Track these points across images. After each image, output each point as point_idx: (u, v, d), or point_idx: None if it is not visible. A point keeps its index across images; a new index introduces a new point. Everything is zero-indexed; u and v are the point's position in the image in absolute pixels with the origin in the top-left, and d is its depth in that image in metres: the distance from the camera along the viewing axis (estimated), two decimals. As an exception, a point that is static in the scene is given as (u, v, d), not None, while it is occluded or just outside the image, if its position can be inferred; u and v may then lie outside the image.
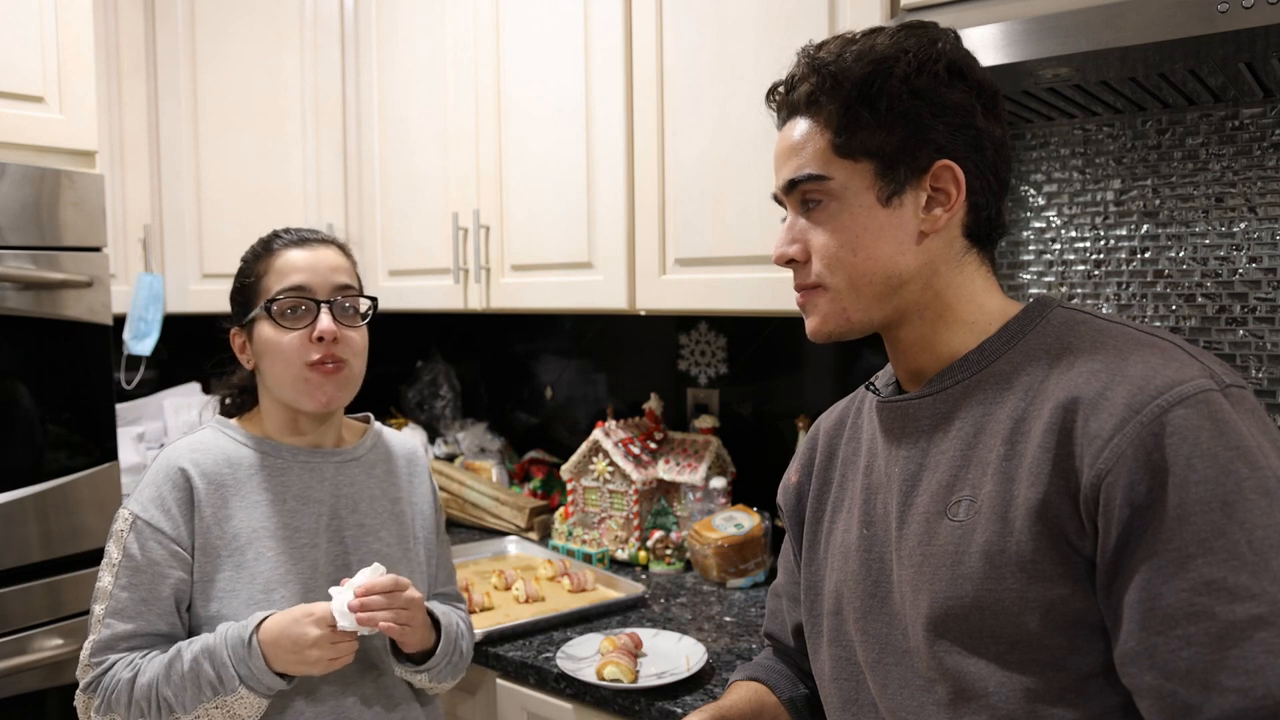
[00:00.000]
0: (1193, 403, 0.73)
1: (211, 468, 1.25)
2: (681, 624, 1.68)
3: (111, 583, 1.20)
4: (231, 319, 1.33)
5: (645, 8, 1.80)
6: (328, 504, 1.29)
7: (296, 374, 1.24)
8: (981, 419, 0.85)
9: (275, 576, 1.22)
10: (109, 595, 1.20)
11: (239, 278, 1.32)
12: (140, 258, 2.50)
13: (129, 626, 1.19)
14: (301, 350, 1.24)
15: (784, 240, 0.92)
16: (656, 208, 1.81)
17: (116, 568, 1.20)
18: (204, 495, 1.23)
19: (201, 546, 1.22)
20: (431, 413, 2.82)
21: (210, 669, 1.14)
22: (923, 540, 0.86)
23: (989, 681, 0.80)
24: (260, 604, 1.21)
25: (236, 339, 1.32)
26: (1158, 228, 1.54)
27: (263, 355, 1.27)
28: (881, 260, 0.87)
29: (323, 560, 1.27)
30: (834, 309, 0.90)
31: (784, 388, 2.09)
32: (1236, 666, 0.68)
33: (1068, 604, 0.77)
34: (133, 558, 1.20)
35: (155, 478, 1.24)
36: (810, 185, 0.88)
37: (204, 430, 1.31)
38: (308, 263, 1.27)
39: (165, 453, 1.27)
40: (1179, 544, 0.71)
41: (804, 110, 0.89)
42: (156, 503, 1.22)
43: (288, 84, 2.47)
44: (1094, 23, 1.12)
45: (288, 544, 1.24)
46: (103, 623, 1.19)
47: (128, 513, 1.22)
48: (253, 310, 1.27)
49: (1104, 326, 0.84)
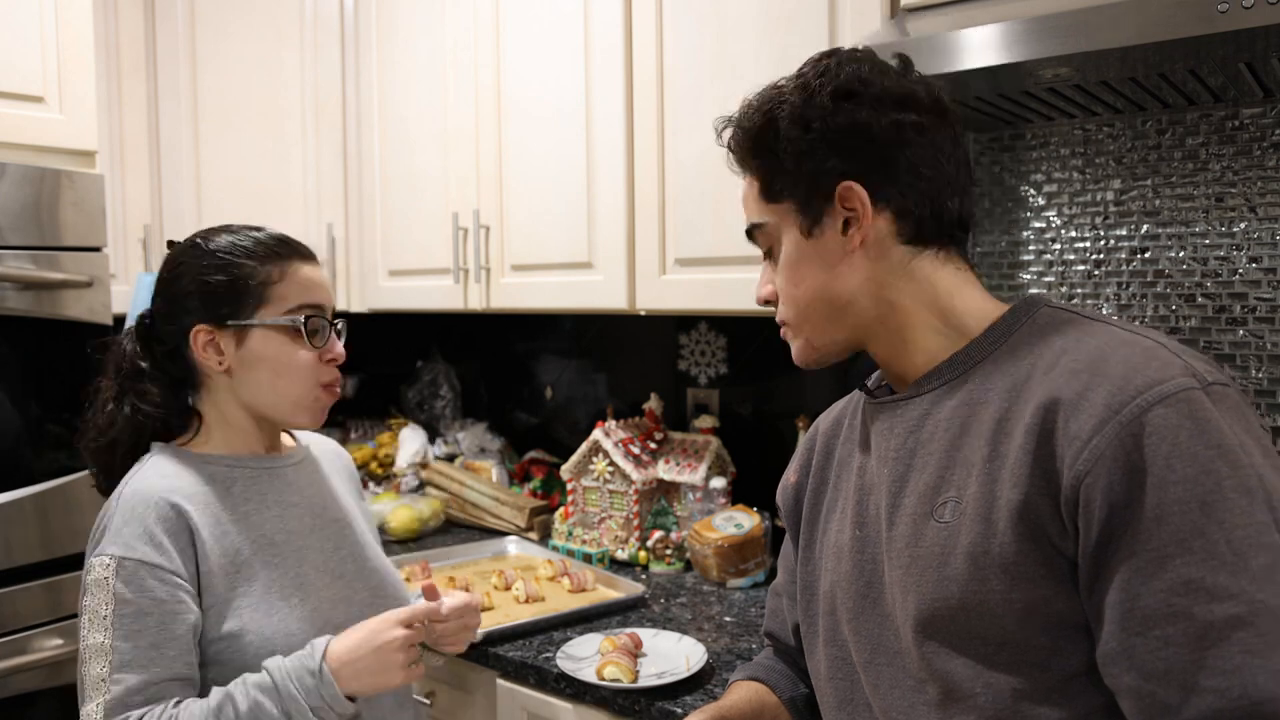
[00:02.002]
0: (1173, 402, 0.73)
1: (194, 491, 1.17)
2: (681, 624, 1.68)
3: (108, 637, 1.08)
4: (197, 315, 1.19)
5: (645, 8, 1.80)
6: (303, 506, 1.27)
7: (305, 392, 1.21)
8: (966, 419, 0.85)
9: (287, 582, 1.20)
10: (109, 650, 1.08)
11: (228, 269, 1.19)
12: (140, 258, 2.50)
13: (143, 677, 1.08)
14: (315, 370, 1.21)
15: (760, 283, 0.99)
16: (656, 208, 1.81)
17: (109, 619, 1.08)
18: (199, 521, 1.15)
19: (207, 572, 1.14)
20: (431, 413, 2.82)
21: (274, 708, 1.07)
22: (910, 541, 0.86)
23: (976, 682, 0.81)
24: (280, 612, 1.17)
25: (200, 337, 1.18)
26: (1158, 228, 1.54)
27: (256, 366, 1.19)
28: (816, 287, 0.92)
29: (318, 560, 1.26)
30: (800, 341, 0.96)
31: (784, 388, 2.09)
32: (1214, 667, 0.68)
33: (1051, 604, 0.77)
34: (129, 603, 1.08)
35: (133, 516, 1.12)
36: (757, 232, 0.96)
37: (157, 460, 1.19)
38: (323, 281, 1.25)
39: (132, 492, 1.14)
40: (1157, 544, 0.71)
41: (738, 164, 0.97)
42: (145, 539, 1.11)
43: (288, 84, 2.47)
44: (1094, 23, 1.12)
45: (286, 549, 1.22)
46: (110, 680, 1.07)
47: (107, 559, 1.09)
48: (250, 313, 1.19)
49: (1088, 325, 0.84)
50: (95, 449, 1.23)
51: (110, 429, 1.22)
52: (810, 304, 0.92)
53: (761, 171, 0.93)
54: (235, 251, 1.20)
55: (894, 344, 0.92)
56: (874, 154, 0.88)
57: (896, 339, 0.92)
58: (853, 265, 0.90)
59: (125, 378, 1.22)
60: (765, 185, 0.93)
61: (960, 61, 1.22)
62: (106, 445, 1.22)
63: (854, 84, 0.88)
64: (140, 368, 1.22)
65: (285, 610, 1.18)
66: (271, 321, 1.19)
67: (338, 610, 1.23)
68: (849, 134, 0.88)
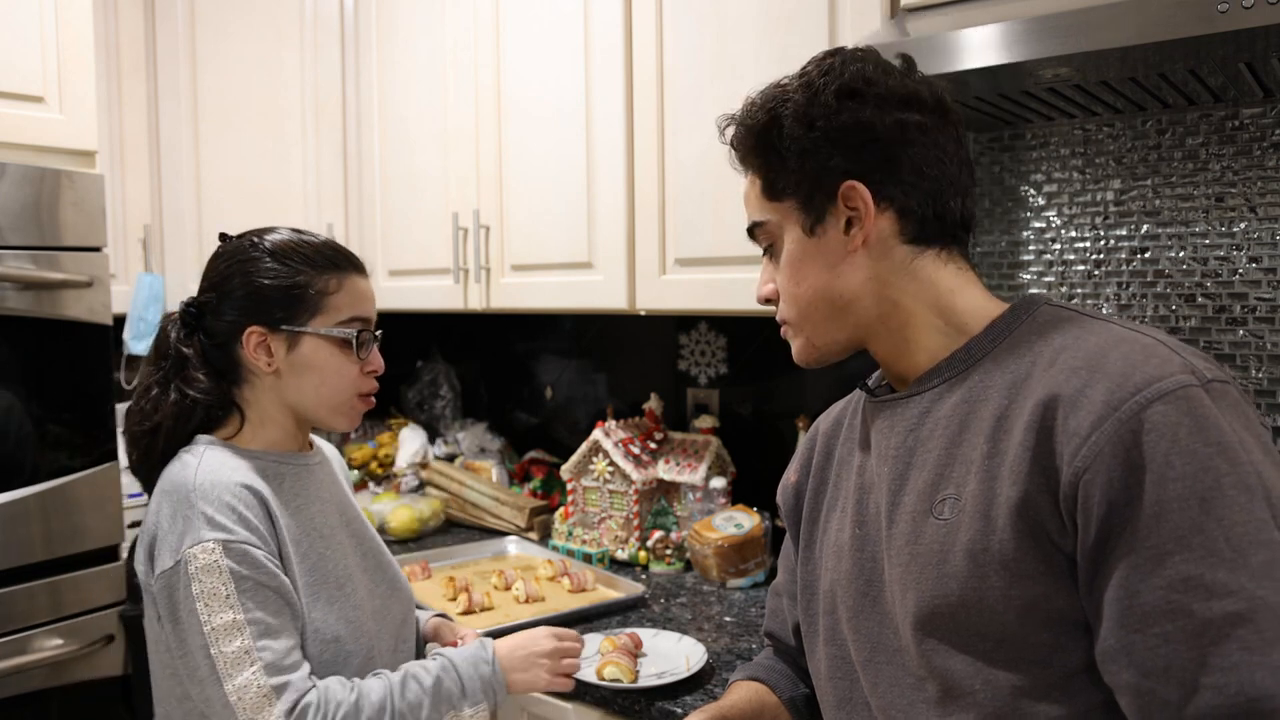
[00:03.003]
0: (1172, 399, 0.73)
1: (256, 480, 1.18)
2: (681, 624, 1.68)
3: (239, 612, 1.08)
4: (251, 315, 1.20)
5: (645, 8, 1.80)
6: (331, 503, 1.30)
7: (345, 400, 1.25)
8: (966, 417, 0.86)
9: (340, 572, 1.24)
10: (245, 624, 1.08)
11: (287, 275, 1.20)
12: (140, 258, 2.50)
13: (288, 642, 1.11)
14: (358, 381, 1.25)
15: (760, 282, 0.99)
16: (656, 208, 1.81)
17: (233, 597, 1.08)
18: (273, 503, 1.17)
19: (286, 556, 1.17)
20: (431, 413, 2.82)
21: (454, 686, 1.19)
22: (910, 539, 0.87)
23: (975, 679, 0.81)
24: (337, 601, 1.20)
25: (253, 338, 1.20)
26: (1158, 228, 1.54)
27: (304, 371, 1.21)
28: (818, 286, 0.92)
29: (353, 555, 1.29)
30: (801, 340, 0.96)
31: (784, 388, 2.09)
32: (1213, 664, 0.68)
33: (1051, 602, 0.77)
34: (248, 579, 1.09)
35: (221, 503, 1.12)
36: (758, 230, 0.96)
37: (212, 452, 1.19)
38: (373, 294, 1.29)
39: (210, 482, 1.13)
40: (1156, 541, 0.71)
41: (740, 162, 0.97)
42: (240, 523, 1.11)
43: (288, 84, 2.47)
44: (1094, 23, 1.12)
45: (331, 542, 1.26)
46: (257, 649, 1.08)
47: (211, 544, 1.09)
48: (305, 321, 1.20)
49: (1088, 323, 0.84)
50: (137, 433, 1.23)
51: (155, 414, 1.21)
52: (812, 303, 0.93)
53: (764, 169, 0.93)
54: (294, 258, 1.21)
55: (895, 343, 0.93)
56: (877, 153, 0.88)
57: (898, 338, 0.92)
58: (855, 265, 0.90)
59: (172, 364, 1.23)
60: (768, 183, 0.93)
61: (960, 61, 1.22)
62: (150, 430, 1.22)
63: (858, 83, 0.88)
64: (185, 355, 1.22)
65: (341, 599, 1.21)
66: (325, 332, 1.21)
67: (374, 601, 1.27)
68: (853, 133, 0.88)
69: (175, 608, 1.09)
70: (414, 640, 1.37)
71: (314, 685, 1.11)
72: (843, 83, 0.88)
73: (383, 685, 1.15)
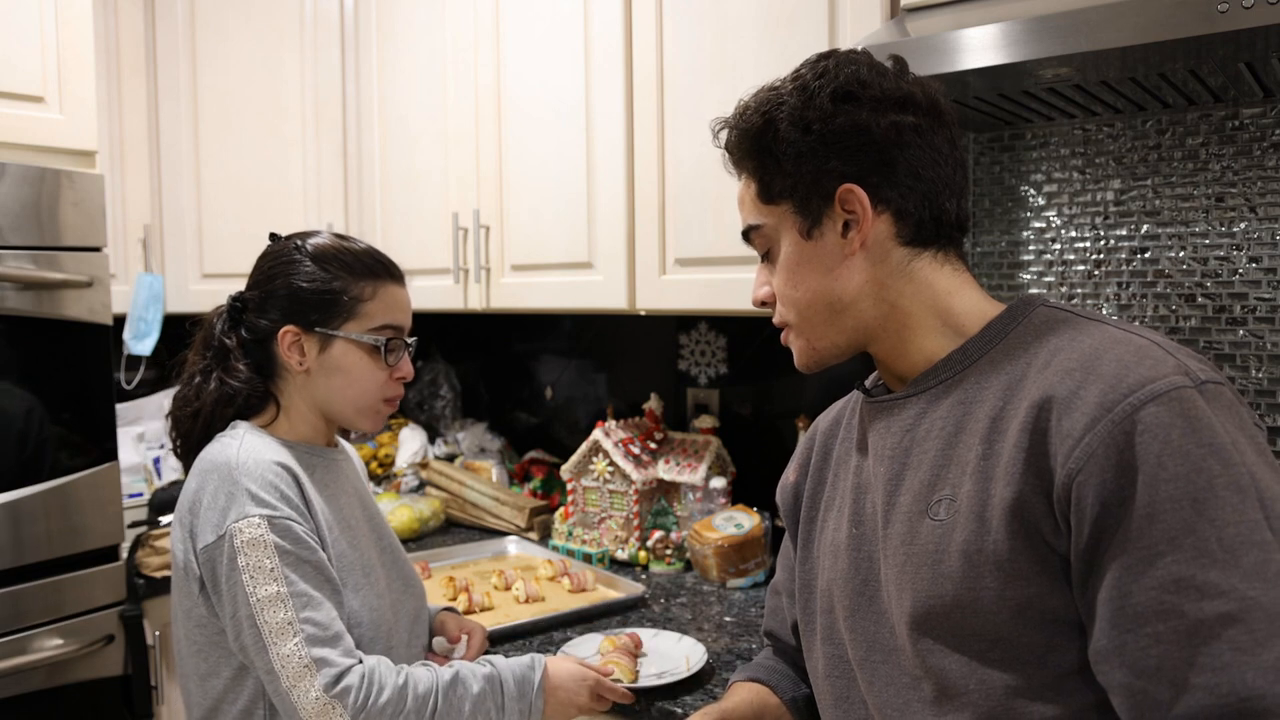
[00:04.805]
0: (1165, 400, 0.73)
1: (293, 464, 1.22)
2: (681, 624, 1.68)
3: (283, 585, 1.12)
4: (288, 316, 1.25)
5: (645, 8, 1.80)
6: (355, 497, 1.35)
7: (370, 403, 1.29)
8: (962, 418, 0.86)
9: (366, 562, 1.27)
10: (288, 596, 1.12)
11: (324, 280, 1.25)
12: (140, 258, 2.50)
13: (331, 614, 1.14)
14: (386, 386, 1.29)
15: (756, 285, 0.99)
16: (656, 208, 1.81)
17: (276, 570, 1.12)
18: (309, 487, 1.22)
19: (320, 538, 1.21)
20: (431, 413, 2.82)
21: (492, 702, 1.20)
22: (906, 539, 0.87)
23: (970, 679, 0.81)
24: (363, 589, 1.24)
25: (288, 337, 1.25)
26: (1158, 228, 1.54)
27: (334, 373, 1.25)
28: (817, 289, 0.92)
29: (375, 547, 1.33)
30: (801, 344, 0.96)
31: (784, 388, 2.09)
32: (1205, 664, 0.68)
33: (1045, 602, 0.77)
34: (291, 553, 1.14)
35: (264, 481, 1.16)
36: (753, 234, 0.96)
37: (251, 435, 1.23)
38: (408, 303, 1.32)
39: (252, 461, 1.17)
40: (1148, 542, 0.71)
41: (734, 166, 0.97)
42: (281, 500, 1.16)
43: (288, 84, 2.47)
44: (1094, 23, 1.12)
45: (358, 532, 1.30)
46: (300, 620, 1.11)
47: (256, 519, 1.13)
48: (338, 325, 1.24)
49: (1083, 325, 0.84)
50: (180, 418, 1.29)
51: (196, 400, 1.27)
52: (810, 306, 0.93)
53: (759, 173, 0.93)
54: (334, 263, 1.26)
55: (893, 345, 0.93)
56: (874, 156, 0.88)
57: (896, 340, 0.92)
58: (852, 268, 0.90)
59: (215, 354, 1.28)
60: (763, 187, 0.93)
61: (960, 61, 1.22)
62: (191, 414, 1.28)
63: (853, 86, 0.88)
64: (228, 346, 1.28)
65: (366, 587, 1.25)
66: (355, 337, 1.26)
67: (392, 594, 1.31)
68: (849, 136, 0.88)
69: (218, 580, 1.14)
70: (426, 636, 1.40)
71: (357, 662, 1.13)
72: (838, 85, 0.88)
73: (430, 677, 1.18)
